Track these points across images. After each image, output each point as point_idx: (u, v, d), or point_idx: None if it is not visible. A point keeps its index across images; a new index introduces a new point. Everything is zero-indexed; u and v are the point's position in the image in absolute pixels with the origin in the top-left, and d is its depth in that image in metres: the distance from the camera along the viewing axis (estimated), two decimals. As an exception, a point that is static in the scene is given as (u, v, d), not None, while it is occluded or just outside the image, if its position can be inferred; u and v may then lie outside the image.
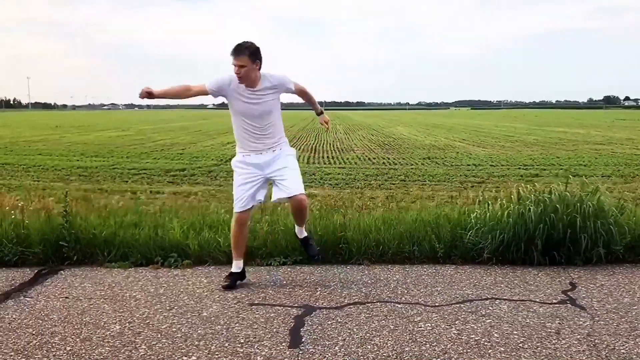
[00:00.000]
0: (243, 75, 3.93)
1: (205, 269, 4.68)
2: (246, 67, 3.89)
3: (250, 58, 3.90)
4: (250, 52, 3.90)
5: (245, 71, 3.91)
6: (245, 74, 3.92)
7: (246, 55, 3.89)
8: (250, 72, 3.93)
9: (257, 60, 3.95)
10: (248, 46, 3.91)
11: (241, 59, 3.88)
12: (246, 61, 3.89)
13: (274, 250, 4.89)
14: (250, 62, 3.90)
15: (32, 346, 3.15)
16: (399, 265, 4.73)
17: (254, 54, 3.93)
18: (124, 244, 4.92)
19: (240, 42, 3.95)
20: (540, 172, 18.04)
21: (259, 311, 3.69)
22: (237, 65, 3.89)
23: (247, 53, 3.89)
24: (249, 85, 4.01)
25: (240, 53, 3.88)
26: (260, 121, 4.07)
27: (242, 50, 3.89)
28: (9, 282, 4.34)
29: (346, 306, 3.77)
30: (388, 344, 3.14)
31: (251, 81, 4.00)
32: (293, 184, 4.08)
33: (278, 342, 3.18)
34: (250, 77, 3.97)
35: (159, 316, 3.61)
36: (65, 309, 3.73)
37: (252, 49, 3.92)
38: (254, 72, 3.96)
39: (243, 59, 3.88)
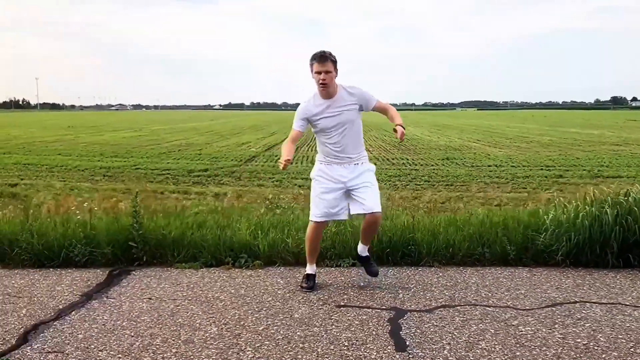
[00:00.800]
0: (328, 82, 3.97)
1: (277, 270, 4.65)
2: (331, 73, 3.96)
3: (334, 65, 3.98)
4: (333, 60, 3.98)
5: (330, 77, 3.96)
6: (329, 79, 3.97)
7: (330, 62, 3.95)
8: (333, 78, 3.99)
9: (336, 67, 4.01)
10: (330, 54, 3.99)
11: (327, 65, 3.93)
12: (330, 67, 3.95)
13: (342, 251, 4.86)
14: (334, 69, 3.97)
15: (137, 348, 3.13)
16: (470, 268, 4.69)
17: (336, 62, 4.00)
18: (192, 244, 4.90)
19: (322, 50, 4.00)
20: (563, 173, 17.94)
21: (348, 313, 3.66)
22: (323, 71, 3.93)
23: (332, 59, 3.96)
24: (327, 96, 4.03)
25: (326, 60, 3.94)
26: (337, 132, 4.05)
27: (326, 57, 3.95)
28: (85, 283, 4.33)
29: (436, 309, 3.74)
30: (497, 348, 3.10)
31: (332, 89, 4.03)
32: (371, 201, 4.06)
33: (383, 346, 3.15)
34: (333, 84, 4.02)
35: (251, 317, 3.58)
36: (154, 311, 3.71)
37: (334, 58, 4.00)
38: (334, 79, 4.02)
39: (328, 65, 3.94)
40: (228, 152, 25.52)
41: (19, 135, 38.52)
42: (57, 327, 3.43)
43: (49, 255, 4.76)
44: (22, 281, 4.37)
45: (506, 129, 47.52)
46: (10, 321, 3.53)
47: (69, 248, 4.78)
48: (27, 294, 4.06)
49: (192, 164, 20.63)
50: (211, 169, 18.99)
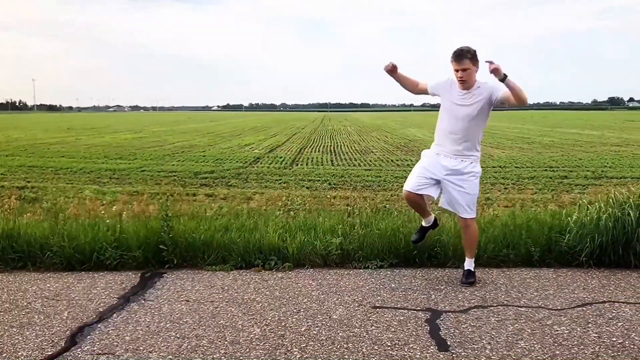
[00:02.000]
0: (465, 78, 4.14)
1: (307, 272, 4.73)
2: (469, 69, 4.09)
3: (472, 61, 4.10)
4: (472, 56, 4.09)
5: (468, 74, 4.11)
6: (467, 76, 4.12)
7: (468, 59, 4.08)
8: (472, 74, 4.15)
9: (477, 62, 4.15)
10: (468, 50, 4.13)
11: (464, 63, 4.10)
12: (468, 64, 4.09)
13: (369, 253, 4.94)
14: (472, 65, 4.10)
15: (185, 349, 3.20)
16: (496, 269, 4.78)
17: (474, 57, 4.13)
18: (221, 247, 4.97)
19: (461, 48, 4.14)
20: (568, 174, 18.03)
21: (385, 314, 3.74)
22: (461, 69, 4.11)
23: (469, 57, 4.08)
24: (466, 87, 4.18)
25: (463, 57, 4.08)
26: (461, 124, 4.21)
27: (464, 54, 4.10)
28: (120, 286, 4.39)
29: (470, 309, 3.82)
30: (536, 348, 3.19)
31: (472, 83, 4.20)
32: (460, 207, 4.30)
33: (425, 346, 3.23)
34: (472, 79, 4.18)
35: (291, 319, 3.66)
36: (194, 312, 3.78)
37: (472, 53, 4.13)
38: (474, 74, 4.17)
39: (466, 63, 4.10)
40: (232, 154, 25.56)
41: (20, 137, 38.50)
42: (101, 330, 3.50)
43: (80, 258, 4.82)
44: (57, 284, 4.43)
45: (506, 130, 47.61)
46: (54, 324, 3.60)
47: (100, 251, 4.84)
48: (65, 297, 4.12)
49: (197, 165, 20.67)
50: (217, 170, 19.03)
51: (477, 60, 4.12)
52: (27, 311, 3.83)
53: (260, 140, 35.31)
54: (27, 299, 4.09)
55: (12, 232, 5.01)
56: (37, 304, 3.98)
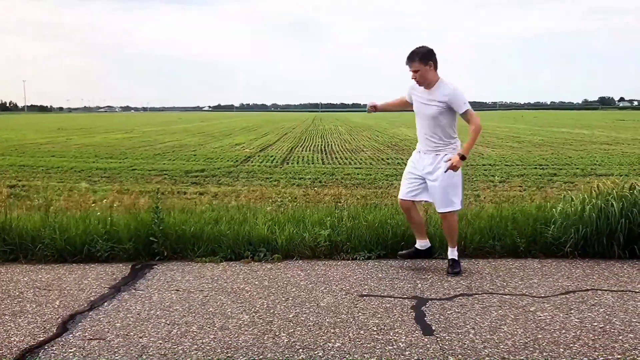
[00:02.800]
0: (418, 79, 4.28)
1: (296, 263, 4.79)
2: (419, 70, 4.20)
3: (422, 61, 4.20)
4: (420, 57, 4.20)
5: (419, 75, 4.23)
6: (420, 77, 4.24)
7: (416, 61, 4.20)
8: (426, 73, 4.25)
9: (429, 61, 4.24)
10: (417, 51, 4.24)
11: (412, 65, 4.23)
12: (418, 65, 4.20)
13: (358, 245, 5.00)
14: (423, 65, 4.21)
15: (175, 335, 3.25)
16: (482, 260, 4.86)
17: (424, 57, 4.23)
18: (211, 239, 5.02)
19: (412, 50, 4.27)
20: (557, 171, 18.18)
21: (372, 302, 3.81)
22: (412, 71, 4.25)
23: (417, 58, 4.20)
24: (427, 87, 4.31)
25: (412, 59, 4.23)
26: (427, 122, 4.34)
27: (411, 57, 4.24)
28: (111, 276, 4.44)
29: (455, 297, 3.89)
30: (519, 332, 3.27)
31: (428, 81, 4.30)
32: (439, 200, 4.40)
33: (410, 330, 3.30)
34: (427, 77, 4.29)
35: (280, 306, 3.72)
36: (184, 301, 3.84)
37: (422, 53, 4.23)
38: (428, 73, 4.27)
39: (415, 65, 4.22)
40: (222, 153, 25.54)
41: (10, 138, 38.27)
42: (93, 317, 3.55)
43: (71, 250, 4.86)
44: (48, 275, 4.47)
45: (497, 129, 47.87)
46: (46, 312, 3.64)
47: (91, 243, 4.88)
48: (57, 287, 4.16)
49: (188, 164, 20.65)
50: (208, 169, 19.03)
51: (429, 59, 4.20)
52: (19, 300, 3.87)
53: (251, 140, 35.29)
54: (19, 289, 4.12)
55: (3, 225, 5.04)
56: (29, 293, 4.02)
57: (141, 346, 3.10)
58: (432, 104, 4.28)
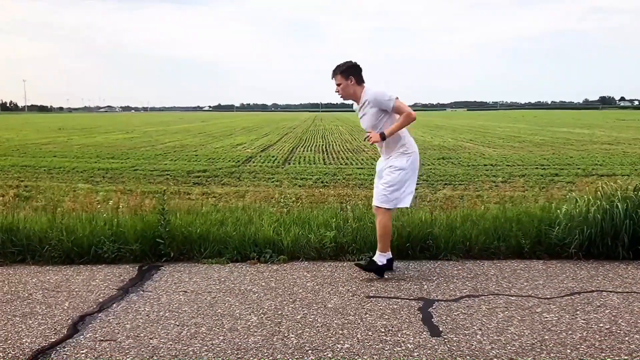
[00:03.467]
0: (341, 93, 4.30)
1: (301, 264, 4.82)
2: (341, 84, 4.25)
3: (343, 75, 4.24)
4: (342, 71, 4.23)
5: (341, 88, 4.28)
6: (342, 90, 4.29)
7: (338, 74, 4.24)
8: (347, 88, 4.29)
9: (350, 76, 4.27)
10: (340, 66, 4.27)
11: (336, 79, 4.28)
12: (340, 79, 4.25)
13: (363, 246, 5.02)
14: (344, 80, 4.24)
15: (185, 336, 3.28)
16: (488, 261, 4.88)
17: (345, 71, 4.26)
18: (217, 240, 5.05)
19: (337, 64, 4.29)
20: (559, 171, 18.22)
21: (379, 303, 3.84)
22: (336, 84, 4.29)
23: (338, 72, 4.24)
24: (355, 100, 4.36)
25: (334, 74, 4.28)
26: (368, 131, 4.36)
27: (335, 70, 4.28)
28: (118, 278, 4.46)
29: (461, 299, 3.92)
30: (526, 333, 3.29)
31: (351, 96, 4.34)
32: (375, 194, 4.41)
33: (418, 332, 3.33)
34: (349, 92, 4.32)
35: (287, 307, 3.75)
36: (192, 302, 3.86)
37: (343, 68, 4.26)
38: (350, 87, 4.29)
39: (337, 78, 4.27)
40: (224, 153, 25.59)
41: (12, 138, 38.31)
42: (102, 318, 3.57)
43: (78, 252, 4.88)
44: (57, 277, 4.49)
45: (498, 129, 47.96)
46: (56, 313, 3.66)
47: (98, 245, 4.91)
48: (65, 289, 4.19)
49: (189, 165, 20.69)
50: (210, 169, 19.08)
51: (350, 74, 4.22)
52: (29, 302, 3.89)
53: (252, 140, 35.33)
54: (27, 290, 4.15)
55: (11, 226, 5.07)
56: (38, 295, 4.05)
57: (152, 347, 3.13)
58: (364, 114, 4.32)
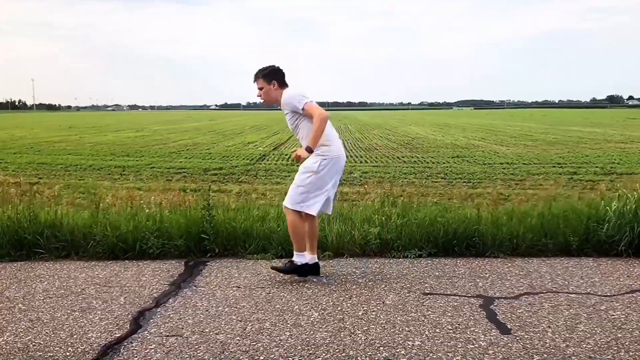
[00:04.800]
0: (263, 97, 4.28)
1: (347, 260, 4.78)
2: (263, 88, 4.22)
3: (265, 80, 4.21)
4: (263, 75, 4.20)
5: (263, 92, 4.24)
6: (264, 94, 4.25)
7: (260, 78, 4.21)
8: (268, 92, 4.24)
9: (272, 80, 4.20)
10: (262, 69, 4.24)
11: (258, 83, 4.23)
12: (261, 83, 4.21)
13: (408, 243, 4.97)
14: (266, 84, 4.21)
15: (251, 332, 3.25)
16: (536, 258, 4.82)
17: (267, 76, 4.20)
18: (261, 236, 5.01)
19: (259, 68, 4.27)
20: (576, 170, 18.09)
21: (438, 300, 3.79)
22: (257, 88, 4.26)
23: (260, 76, 4.21)
24: (277, 104, 4.30)
25: (256, 78, 4.23)
26: (295, 133, 4.31)
27: (257, 74, 4.22)
28: (167, 273, 4.44)
29: (521, 296, 3.86)
30: (597, 331, 3.24)
31: (273, 100, 4.30)
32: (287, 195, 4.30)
33: (487, 329, 3.27)
34: (271, 96, 4.28)
35: (346, 304, 3.71)
36: (249, 298, 3.83)
37: (265, 72, 4.23)
38: (272, 92, 4.25)
39: (259, 82, 4.22)
40: (237, 152, 25.56)
41: (24, 136, 38.47)
42: (162, 314, 3.54)
43: (123, 247, 4.86)
44: (105, 272, 4.47)
45: (507, 128, 47.75)
46: (114, 309, 3.64)
47: (142, 240, 4.88)
48: (116, 284, 4.16)
49: (204, 162, 20.70)
50: (225, 167, 19.07)
51: (273, 77, 4.19)
52: (84, 297, 3.87)
53: (262, 138, 35.30)
54: (79, 285, 4.13)
55: (54, 221, 5.04)
56: (91, 290, 4.02)
57: (220, 343, 3.09)
58: (286, 115, 4.26)
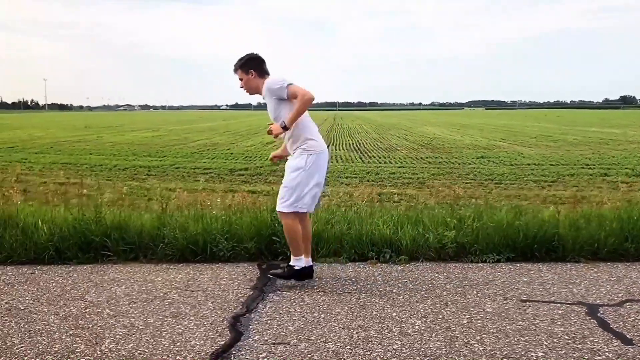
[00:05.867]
0: (244, 87, 4.12)
1: (425, 265, 4.62)
2: (242, 79, 4.09)
3: (242, 70, 4.07)
4: (240, 65, 4.06)
5: (243, 83, 4.10)
6: (245, 85, 4.11)
7: (239, 69, 4.08)
8: (248, 82, 4.09)
9: (249, 70, 4.05)
10: (240, 59, 4.08)
11: (237, 74, 4.10)
12: (240, 74, 4.09)
13: (486, 247, 4.81)
14: (244, 74, 4.07)
15: (360, 340, 3.11)
16: (620, 263, 4.65)
17: (244, 65, 4.06)
18: (332, 239, 4.87)
19: (238, 58, 4.13)
20: (606, 171, 17.85)
21: (540, 308, 3.62)
22: (238, 79, 4.11)
23: (238, 66, 4.08)
24: (259, 94, 4.14)
25: (235, 69, 4.10)
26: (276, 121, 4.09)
27: (235, 65, 4.09)
28: (244, 277, 4.31)
29: (624, 303, 3.70)
30: None
31: (255, 90, 4.14)
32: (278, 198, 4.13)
33: (607, 339, 3.12)
34: (251, 86, 4.13)
35: (445, 311, 3.56)
36: (340, 303, 3.70)
37: (242, 62, 4.06)
38: (252, 82, 4.10)
39: (238, 73, 4.09)
40: (257, 152, 25.51)
41: (42, 136, 38.67)
42: (258, 320, 3.41)
43: (193, 249, 4.74)
44: (180, 275, 4.35)
45: (525, 128, 47.41)
46: (206, 314, 3.51)
47: (213, 243, 4.76)
48: (197, 288, 4.04)
49: (229, 163, 20.66)
50: (251, 167, 19.02)
51: (250, 66, 4.04)
52: (169, 301, 3.75)
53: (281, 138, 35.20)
54: (159, 289, 4.01)
55: (120, 223, 4.93)
56: (173, 294, 3.90)
57: (332, 352, 2.95)
58: (268, 103, 4.08)
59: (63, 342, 3.08)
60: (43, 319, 3.42)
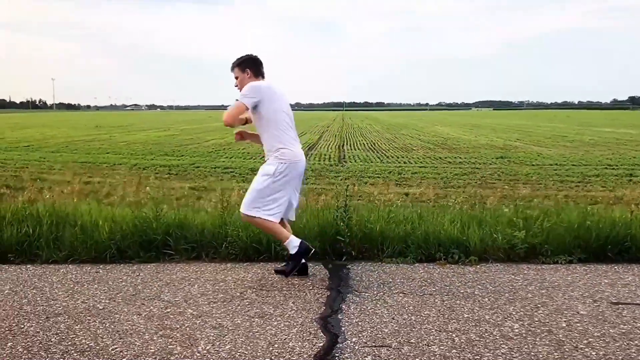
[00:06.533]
0: (239, 86, 4.12)
1: (497, 266, 4.50)
2: (238, 77, 4.14)
3: (240, 68, 4.13)
4: (238, 64, 4.13)
5: (239, 82, 4.14)
6: (240, 83, 4.12)
7: (236, 67, 4.14)
8: (242, 81, 4.11)
9: (246, 69, 4.11)
10: (238, 58, 4.15)
11: (234, 72, 4.16)
12: (237, 72, 4.15)
13: (556, 248, 4.68)
14: (241, 72, 4.13)
15: (463, 344, 2.99)
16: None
17: (242, 64, 4.12)
18: (397, 239, 4.76)
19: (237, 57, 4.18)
20: (631, 171, 17.66)
21: (634, 311, 3.50)
22: (234, 78, 4.17)
23: (236, 64, 4.14)
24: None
25: (232, 67, 4.17)
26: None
27: (233, 64, 4.16)
28: (316, 277, 4.21)
29: None
30: None
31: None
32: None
33: None
34: (244, 86, 4.11)
35: (538, 313, 3.43)
36: (426, 305, 3.58)
37: (239, 61, 4.13)
38: (246, 81, 4.09)
39: (235, 71, 4.16)
40: (274, 151, 25.37)
41: (55, 135, 38.74)
42: (347, 321, 3.30)
43: (256, 248, 4.64)
44: (249, 275, 4.26)
45: (538, 129, 47.16)
46: (292, 315, 3.41)
47: (277, 242, 4.66)
48: (271, 287, 3.95)
49: (249, 162, 20.56)
50: (272, 167, 18.87)
51: (247, 66, 4.11)
52: (248, 301, 3.65)
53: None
54: (233, 289, 3.90)
55: (181, 221, 4.84)
56: (250, 293, 3.80)
57: (440, 356, 2.84)
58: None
59: (157, 343, 2.97)
60: (127, 319, 3.32)
